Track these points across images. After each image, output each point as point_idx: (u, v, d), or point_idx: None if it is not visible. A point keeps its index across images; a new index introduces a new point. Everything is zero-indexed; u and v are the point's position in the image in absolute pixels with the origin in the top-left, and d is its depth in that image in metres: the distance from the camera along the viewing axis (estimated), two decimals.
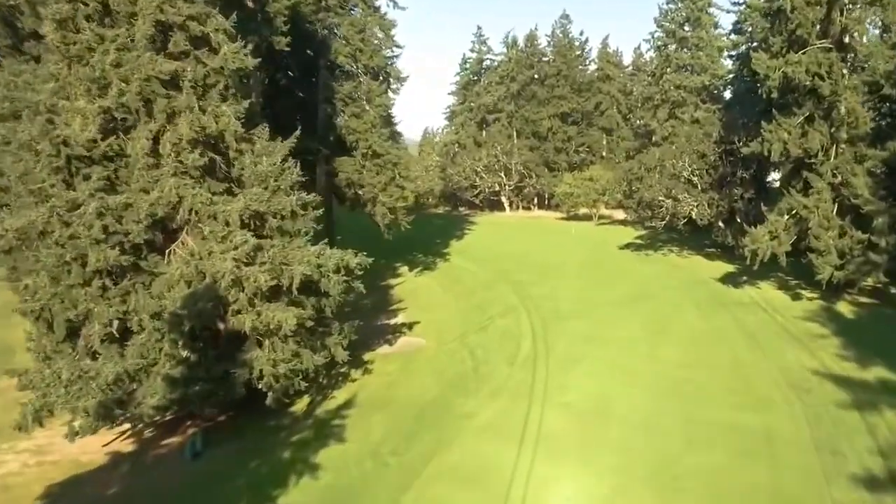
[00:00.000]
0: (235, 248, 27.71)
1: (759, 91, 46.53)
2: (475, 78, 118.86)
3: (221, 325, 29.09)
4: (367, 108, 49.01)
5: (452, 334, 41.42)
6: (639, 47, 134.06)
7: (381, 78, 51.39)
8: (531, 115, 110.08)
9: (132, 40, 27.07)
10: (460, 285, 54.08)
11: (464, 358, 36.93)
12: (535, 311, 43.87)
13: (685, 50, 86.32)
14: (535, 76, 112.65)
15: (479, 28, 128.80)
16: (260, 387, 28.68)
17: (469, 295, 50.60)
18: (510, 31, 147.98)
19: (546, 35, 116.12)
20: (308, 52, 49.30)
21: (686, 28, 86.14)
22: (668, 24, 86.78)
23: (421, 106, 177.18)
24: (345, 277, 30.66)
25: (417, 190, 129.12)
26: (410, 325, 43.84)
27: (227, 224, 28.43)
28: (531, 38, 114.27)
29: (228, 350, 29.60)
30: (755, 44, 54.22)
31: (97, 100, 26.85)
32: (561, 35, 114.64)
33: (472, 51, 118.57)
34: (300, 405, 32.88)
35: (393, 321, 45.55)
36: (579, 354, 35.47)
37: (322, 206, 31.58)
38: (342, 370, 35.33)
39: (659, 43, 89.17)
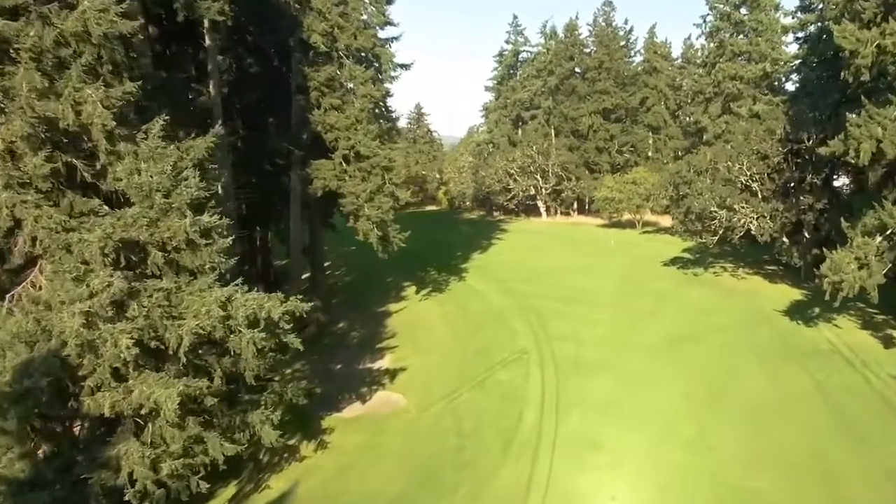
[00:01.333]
0: (91, 295, 19.09)
1: (842, 75, 36.39)
2: (511, 72, 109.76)
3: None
4: (353, 98, 39.84)
5: (440, 391, 32.14)
6: (689, 37, 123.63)
7: (371, 62, 42.01)
8: (570, 112, 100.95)
9: None
10: (467, 316, 44.55)
11: (446, 431, 27.78)
12: (549, 358, 34.35)
13: (741, 35, 77.51)
14: (576, 69, 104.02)
15: (515, 17, 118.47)
16: (128, 498, 19.94)
17: (474, 331, 41.11)
18: (548, 19, 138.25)
19: (587, 24, 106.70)
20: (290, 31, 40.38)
21: (742, 11, 76.77)
22: (721, 6, 77.81)
23: (471, 103, 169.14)
24: (262, 333, 21.55)
25: (450, 193, 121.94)
26: (394, 374, 34.89)
27: (85, 261, 19.84)
28: (571, 28, 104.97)
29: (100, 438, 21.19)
30: (828, 22, 44.38)
31: None
32: (604, 24, 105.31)
33: (507, 42, 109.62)
34: (221, 498, 24.42)
35: (377, 365, 36.85)
36: (599, 437, 26.09)
37: (232, 233, 22.61)
38: (291, 442, 27.02)
39: (711, 28, 79.80)
